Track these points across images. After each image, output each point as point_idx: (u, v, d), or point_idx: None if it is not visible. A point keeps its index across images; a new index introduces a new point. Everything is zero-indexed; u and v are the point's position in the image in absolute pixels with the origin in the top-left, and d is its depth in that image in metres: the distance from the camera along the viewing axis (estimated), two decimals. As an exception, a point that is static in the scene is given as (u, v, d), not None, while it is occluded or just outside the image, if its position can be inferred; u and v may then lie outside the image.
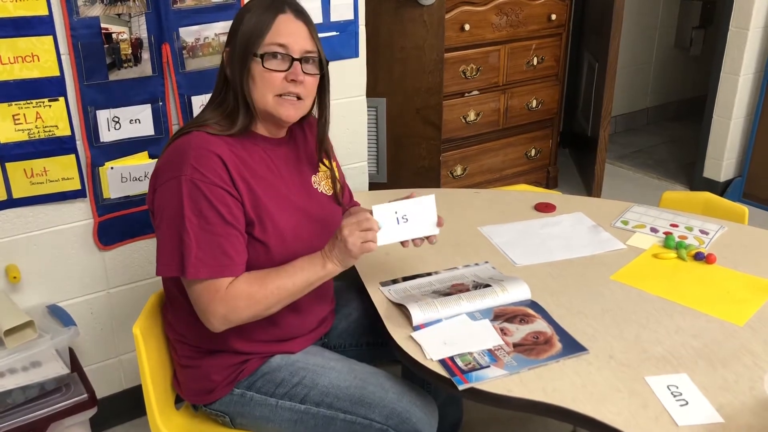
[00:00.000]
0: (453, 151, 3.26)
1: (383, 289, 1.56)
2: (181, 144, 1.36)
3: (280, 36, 1.37)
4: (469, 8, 3.05)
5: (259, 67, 1.37)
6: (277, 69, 1.37)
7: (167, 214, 1.33)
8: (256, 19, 1.37)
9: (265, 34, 1.36)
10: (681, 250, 1.69)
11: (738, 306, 1.49)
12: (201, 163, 1.32)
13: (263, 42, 1.36)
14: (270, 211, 1.40)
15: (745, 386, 1.25)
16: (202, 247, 1.30)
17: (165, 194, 1.34)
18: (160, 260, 1.34)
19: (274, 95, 1.39)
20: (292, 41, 1.37)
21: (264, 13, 1.37)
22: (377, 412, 1.40)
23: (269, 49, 1.37)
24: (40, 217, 1.84)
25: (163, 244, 1.34)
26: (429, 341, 1.37)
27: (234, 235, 1.34)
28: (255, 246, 1.39)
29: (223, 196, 1.33)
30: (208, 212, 1.31)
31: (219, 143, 1.36)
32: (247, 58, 1.37)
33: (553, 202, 2.00)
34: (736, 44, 3.48)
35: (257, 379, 1.47)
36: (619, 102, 4.49)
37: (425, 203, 1.42)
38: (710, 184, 3.75)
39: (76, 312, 1.94)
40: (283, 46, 1.37)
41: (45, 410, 1.72)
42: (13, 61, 1.67)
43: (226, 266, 1.32)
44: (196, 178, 1.31)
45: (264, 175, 1.42)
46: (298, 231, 1.44)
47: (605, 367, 1.30)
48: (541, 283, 1.58)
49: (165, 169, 1.36)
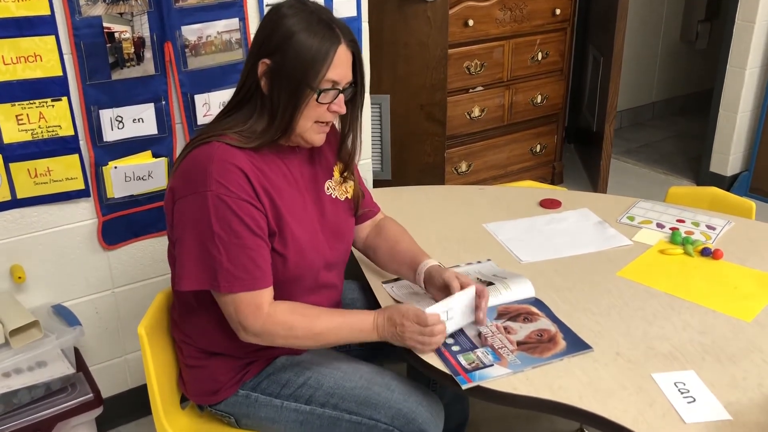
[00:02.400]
0: (457, 148, 3.25)
1: (386, 287, 1.56)
2: (201, 155, 1.34)
3: (336, 71, 1.33)
4: (472, 4, 3.03)
5: (313, 100, 1.34)
6: (328, 102, 1.36)
7: (193, 228, 1.32)
8: (314, 45, 1.31)
9: (323, 67, 1.31)
10: (688, 245, 1.68)
11: (746, 302, 1.48)
12: (225, 177, 1.31)
13: (321, 77, 1.32)
14: (289, 223, 1.39)
15: (753, 383, 1.24)
16: (234, 261, 1.30)
17: (188, 208, 1.33)
18: (185, 274, 1.33)
19: (314, 122, 1.38)
20: (343, 75, 1.35)
21: (323, 42, 1.31)
22: (383, 413, 1.39)
23: (325, 85, 1.33)
24: (45, 217, 1.84)
25: (188, 259, 1.33)
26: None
27: (263, 246, 1.34)
28: (274, 258, 1.38)
29: (249, 209, 1.32)
30: (237, 227, 1.31)
31: (240, 156, 1.34)
32: (301, 88, 1.32)
33: (559, 198, 1.99)
34: (743, 37, 3.46)
35: (262, 380, 1.47)
36: (625, 96, 4.47)
37: (467, 295, 1.40)
38: (717, 178, 3.73)
39: (81, 312, 1.94)
40: (336, 82, 1.35)
41: (51, 410, 1.73)
42: (15, 62, 1.67)
43: (258, 278, 1.33)
44: (222, 194, 1.30)
45: (283, 186, 1.41)
46: (313, 243, 1.44)
47: (612, 364, 1.29)
48: (547, 280, 1.57)
49: (187, 181, 1.34)
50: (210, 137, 1.36)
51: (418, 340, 1.34)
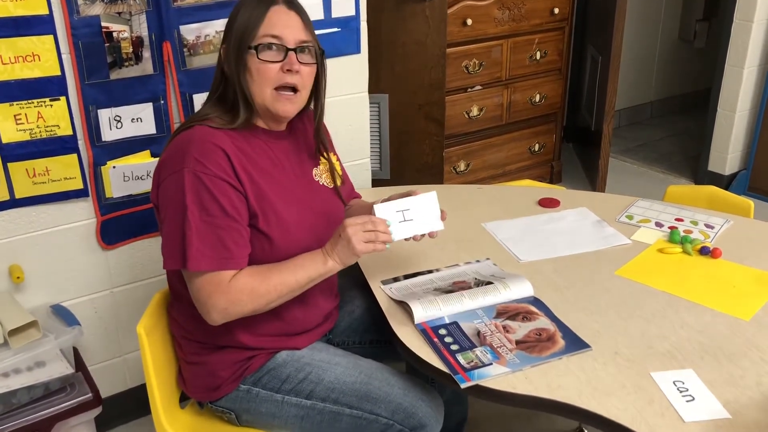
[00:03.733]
0: (456, 147, 3.25)
1: (384, 287, 1.55)
2: (184, 138, 1.37)
3: (274, 27, 1.37)
4: (471, 3, 3.03)
5: (255, 59, 1.37)
6: (272, 60, 1.38)
7: (171, 207, 1.33)
8: (249, 13, 1.39)
9: (258, 26, 1.37)
10: (686, 244, 1.68)
11: (744, 300, 1.48)
12: (204, 155, 1.32)
13: (257, 34, 1.37)
14: (273, 203, 1.40)
15: (751, 381, 1.24)
16: (203, 239, 1.31)
17: (169, 188, 1.34)
18: (164, 253, 1.35)
19: (272, 89, 1.39)
20: (286, 32, 1.38)
21: (257, 7, 1.39)
22: (383, 407, 1.40)
23: (263, 40, 1.37)
24: (43, 216, 1.84)
25: (167, 237, 1.35)
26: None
27: (235, 228, 1.34)
28: (259, 238, 1.39)
29: (226, 188, 1.33)
30: (210, 204, 1.31)
31: (222, 136, 1.36)
32: (242, 52, 1.38)
33: (557, 197, 1.99)
34: (741, 36, 3.46)
35: (263, 375, 1.47)
36: (623, 95, 4.47)
37: (428, 199, 1.42)
38: (715, 177, 3.73)
39: (80, 311, 1.94)
40: (277, 38, 1.38)
41: (50, 410, 1.73)
42: (13, 61, 1.67)
43: (226, 258, 1.32)
44: (199, 171, 1.31)
45: (267, 167, 1.42)
46: (301, 223, 1.44)
47: (610, 363, 1.30)
48: (546, 279, 1.57)
49: (168, 163, 1.36)
50: (192, 123, 1.40)
51: (366, 237, 1.35)
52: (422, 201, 1.42)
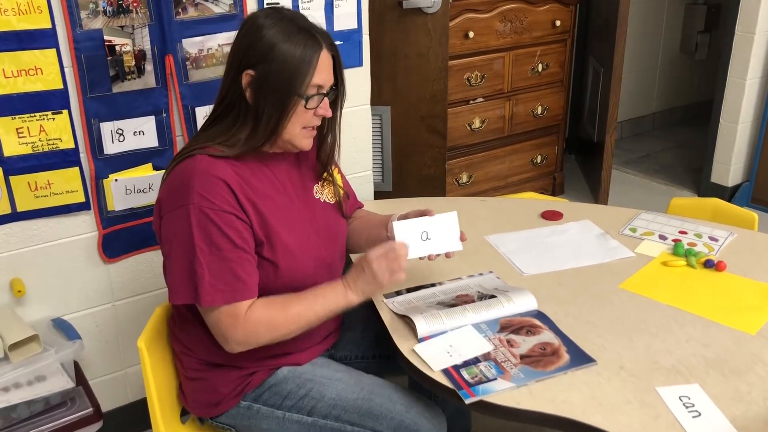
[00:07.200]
0: (458, 159, 3.25)
1: (387, 301, 1.55)
2: (185, 169, 1.35)
3: (319, 76, 1.36)
4: (473, 15, 3.04)
5: (301, 107, 1.36)
6: (314, 107, 1.38)
7: (177, 243, 1.33)
8: (295, 53, 1.33)
9: (308, 74, 1.34)
10: (690, 257, 1.67)
11: (749, 314, 1.47)
12: (207, 189, 1.31)
13: (307, 83, 1.35)
14: (278, 230, 1.39)
15: (758, 396, 1.23)
16: (215, 274, 1.31)
17: (173, 223, 1.33)
18: (173, 288, 1.35)
19: (302, 128, 1.40)
20: (325, 78, 1.38)
21: (304, 50, 1.33)
22: (385, 424, 1.39)
23: (312, 91, 1.36)
24: (45, 230, 1.84)
25: (175, 273, 1.34)
26: (432, 353, 1.35)
27: (245, 258, 1.34)
28: (264, 265, 1.38)
29: (232, 220, 1.32)
30: (219, 239, 1.31)
31: (223, 166, 1.35)
32: (289, 96, 1.34)
33: (560, 209, 1.98)
34: (742, 48, 3.46)
35: (264, 391, 1.46)
36: (625, 107, 4.47)
37: (449, 219, 1.42)
38: (718, 189, 3.72)
39: (81, 325, 1.93)
40: (321, 87, 1.38)
41: (50, 424, 1.71)
42: (16, 75, 1.67)
43: (239, 290, 1.32)
44: (204, 206, 1.30)
45: (269, 193, 1.41)
46: (305, 246, 1.44)
47: (615, 378, 1.28)
48: (549, 293, 1.56)
49: (171, 196, 1.35)
50: (194, 150, 1.37)
51: (389, 267, 1.35)
52: (443, 221, 1.42)
